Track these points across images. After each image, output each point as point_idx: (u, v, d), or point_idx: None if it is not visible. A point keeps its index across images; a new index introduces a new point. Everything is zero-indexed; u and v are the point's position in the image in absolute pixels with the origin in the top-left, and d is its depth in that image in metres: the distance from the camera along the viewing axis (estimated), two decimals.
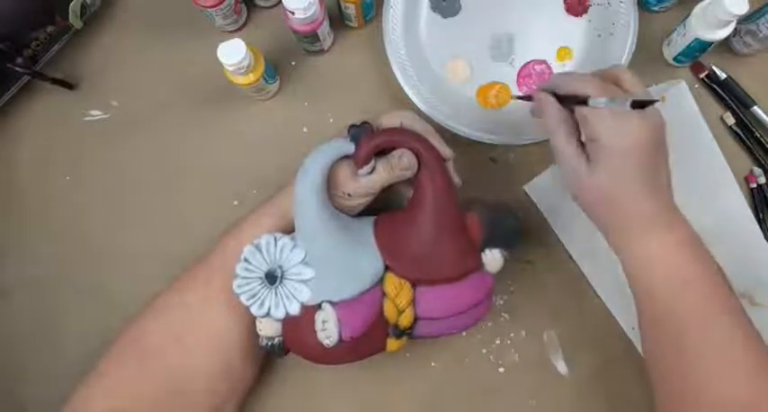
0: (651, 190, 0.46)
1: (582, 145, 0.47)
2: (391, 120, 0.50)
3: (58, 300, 0.60)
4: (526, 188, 0.61)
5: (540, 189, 0.61)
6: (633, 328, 0.58)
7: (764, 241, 0.59)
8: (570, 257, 0.60)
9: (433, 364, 0.58)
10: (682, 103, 0.61)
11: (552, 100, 0.48)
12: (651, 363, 0.48)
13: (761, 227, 0.59)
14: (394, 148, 0.49)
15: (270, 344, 0.47)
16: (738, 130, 0.60)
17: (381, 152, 0.49)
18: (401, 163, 0.48)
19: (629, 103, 0.42)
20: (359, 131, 0.48)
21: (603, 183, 0.46)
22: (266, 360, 0.55)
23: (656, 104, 0.56)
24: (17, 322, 0.60)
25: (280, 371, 0.58)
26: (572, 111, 0.47)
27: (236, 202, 0.61)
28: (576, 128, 0.47)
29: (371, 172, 0.49)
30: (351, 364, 0.48)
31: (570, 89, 0.47)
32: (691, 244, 0.47)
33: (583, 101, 0.45)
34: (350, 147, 0.48)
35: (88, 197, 0.62)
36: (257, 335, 0.48)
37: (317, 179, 0.46)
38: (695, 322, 0.45)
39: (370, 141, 0.48)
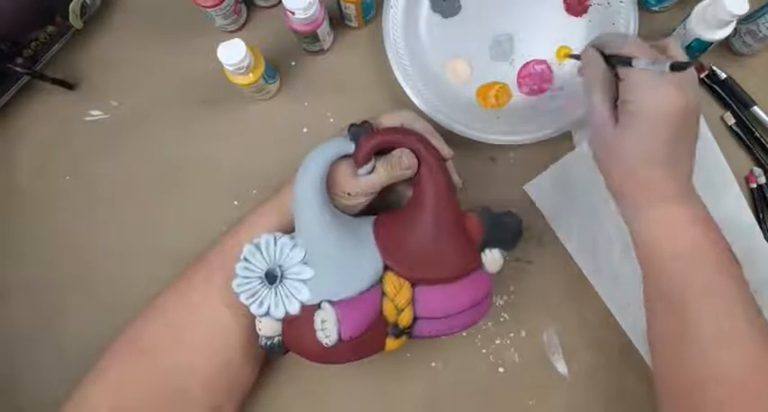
0: (671, 163, 0.46)
1: (616, 107, 0.48)
2: (391, 119, 0.50)
3: (57, 301, 0.60)
4: (526, 188, 0.61)
5: (540, 189, 0.61)
6: (634, 325, 0.58)
7: (764, 241, 0.59)
8: (570, 257, 0.60)
9: (433, 364, 0.58)
10: None
11: (598, 56, 0.49)
12: (653, 339, 0.48)
13: (761, 227, 0.59)
14: (394, 148, 0.49)
15: (269, 343, 0.47)
16: (738, 130, 0.60)
17: (381, 152, 0.49)
18: (401, 162, 0.48)
19: (668, 65, 0.43)
20: (359, 131, 0.48)
21: (626, 147, 0.46)
22: (266, 359, 0.55)
23: None
24: (16, 322, 0.60)
25: (280, 372, 0.58)
26: (615, 75, 0.48)
27: (236, 202, 0.61)
28: (614, 89, 0.48)
29: (371, 171, 0.49)
30: (351, 364, 0.48)
31: (617, 49, 0.48)
32: (704, 221, 0.47)
33: (627, 63, 0.46)
34: (350, 147, 0.48)
35: (88, 197, 0.62)
36: (257, 335, 0.48)
37: (316, 178, 0.46)
38: (699, 295, 0.45)
39: (370, 141, 0.48)
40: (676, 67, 0.44)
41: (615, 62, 0.48)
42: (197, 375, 0.49)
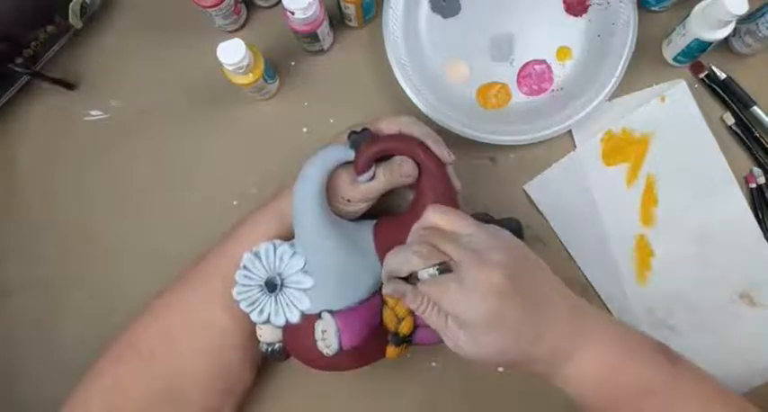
0: (544, 327, 0.41)
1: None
2: (390, 125, 0.50)
3: (58, 300, 0.60)
4: (526, 188, 0.61)
5: (540, 189, 0.61)
6: None
7: (764, 241, 0.59)
8: (570, 257, 0.60)
9: (433, 364, 0.58)
10: (682, 102, 0.61)
11: (403, 287, 0.43)
12: None
13: (761, 227, 0.59)
14: (394, 154, 0.49)
15: (270, 349, 0.47)
16: (738, 130, 0.60)
17: (381, 158, 0.48)
18: (401, 170, 0.48)
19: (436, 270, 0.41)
20: (359, 138, 0.48)
21: (491, 350, 0.41)
22: (264, 361, 0.55)
23: (655, 104, 0.55)
24: (17, 322, 0.60)
25: (278, 371, 0.58)
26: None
27: (235, 202, 0.61)
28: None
29: (371, 179, 0.49)
30: None
31: (395, 270, 0.43)
32: (610, 348, 0.43)
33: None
34: (349, 154, 0.48)
35: (88, 197, 0.62)
36: (256, 339, 0.48)
37: (316, 187, 0.46)
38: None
39: (370, 148, 0.47)
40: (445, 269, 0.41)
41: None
42: (194, 378, 0.49)
